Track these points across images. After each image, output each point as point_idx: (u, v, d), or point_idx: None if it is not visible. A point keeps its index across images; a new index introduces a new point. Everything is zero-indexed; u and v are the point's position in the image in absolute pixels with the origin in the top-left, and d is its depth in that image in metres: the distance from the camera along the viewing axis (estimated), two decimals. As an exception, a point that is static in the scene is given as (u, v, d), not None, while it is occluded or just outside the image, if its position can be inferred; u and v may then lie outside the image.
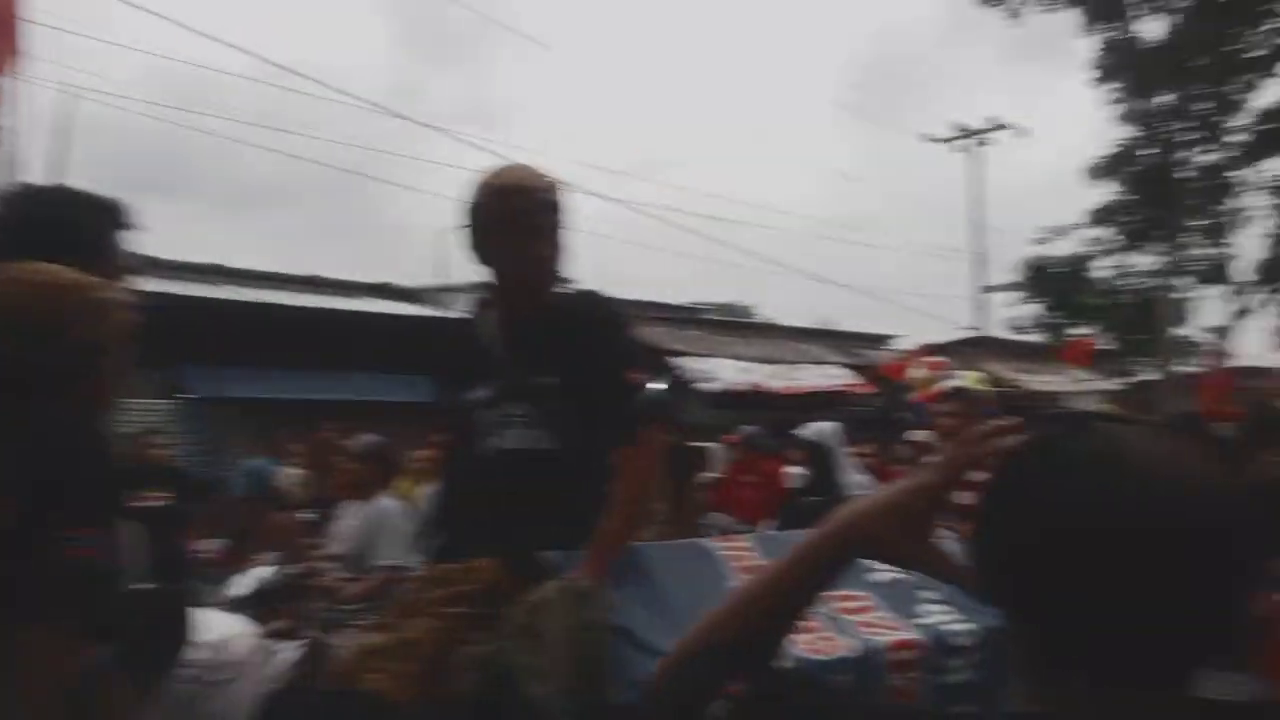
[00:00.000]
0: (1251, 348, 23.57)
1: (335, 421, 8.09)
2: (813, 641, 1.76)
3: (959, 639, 1.84)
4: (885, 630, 1.83)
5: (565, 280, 2.13)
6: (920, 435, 7.66)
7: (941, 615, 1.89)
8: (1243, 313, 21.68)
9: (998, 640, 1.85)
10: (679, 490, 5.17)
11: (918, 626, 1.85)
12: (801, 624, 1.80)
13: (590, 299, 2.12)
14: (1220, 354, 14.74)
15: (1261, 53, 19.34)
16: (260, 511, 4.99)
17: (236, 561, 4.64)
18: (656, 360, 11.62)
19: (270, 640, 3.71)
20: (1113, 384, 18.83)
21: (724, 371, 11.68)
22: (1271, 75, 20.02)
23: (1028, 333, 22.77)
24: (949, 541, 0.84)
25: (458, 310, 2.13)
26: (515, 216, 2.01)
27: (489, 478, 2.06)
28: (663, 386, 2.02)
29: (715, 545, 2.12)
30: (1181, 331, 20.80)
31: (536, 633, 1.72)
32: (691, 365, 11.69)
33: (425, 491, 4.36)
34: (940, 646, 1.82)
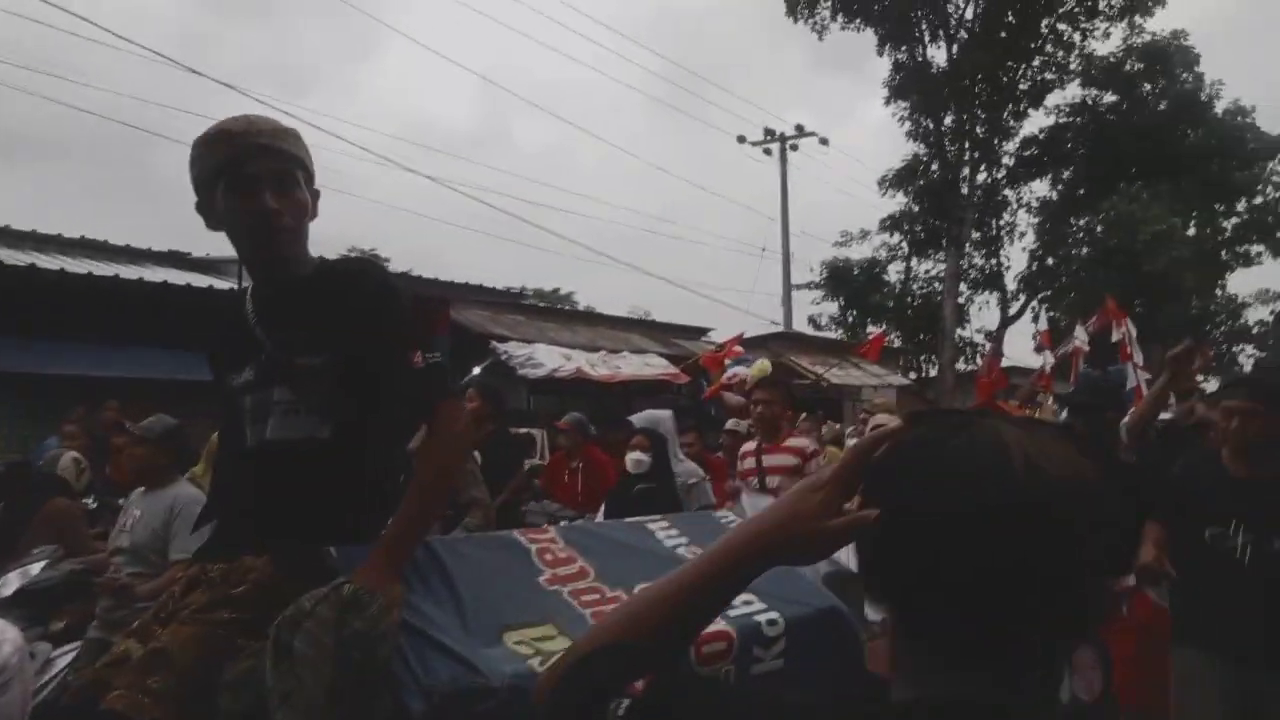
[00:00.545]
0: (1018, 349, 26.55)
1: (120, 399, 7.42)
2: None
3: (768, 629, 1.91)
4: None
5: (299, 244, 1.85)
6: (740, 424, 8.04)
7: (750, 606, 1.95)
8: (1011, 318, 24.36)
9: (803, 629, 1.99)
10: (506, 476, 5.13)
11: (728, 618, 1.87)
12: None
13: (355, 266, 1.92)
14: (993, 354, 16.35)
15: (1026, 86, 21.67)
16: (32, 498, 4.45)
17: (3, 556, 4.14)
18: (474, 341, 11.44)
19: (44, 644, 3.39)
20: (902, 379, 20.57)
21: (546, 357, 11.65)
22: (1038, 106, 22.55)
23: (827, 329, 24.38)
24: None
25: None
26: (223, 167, 1.75)
27: (253, 470, 1.85)
28: (439, 357, 1.83)
29: (521, 537, 2.05)
30: (961, 332, 22.98)
31: (290, 651, 1.51)
32: (514, 350, 11.60)
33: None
34: (749, 636, 1.88)
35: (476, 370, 12.25)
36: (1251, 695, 2.66)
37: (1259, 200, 24.85)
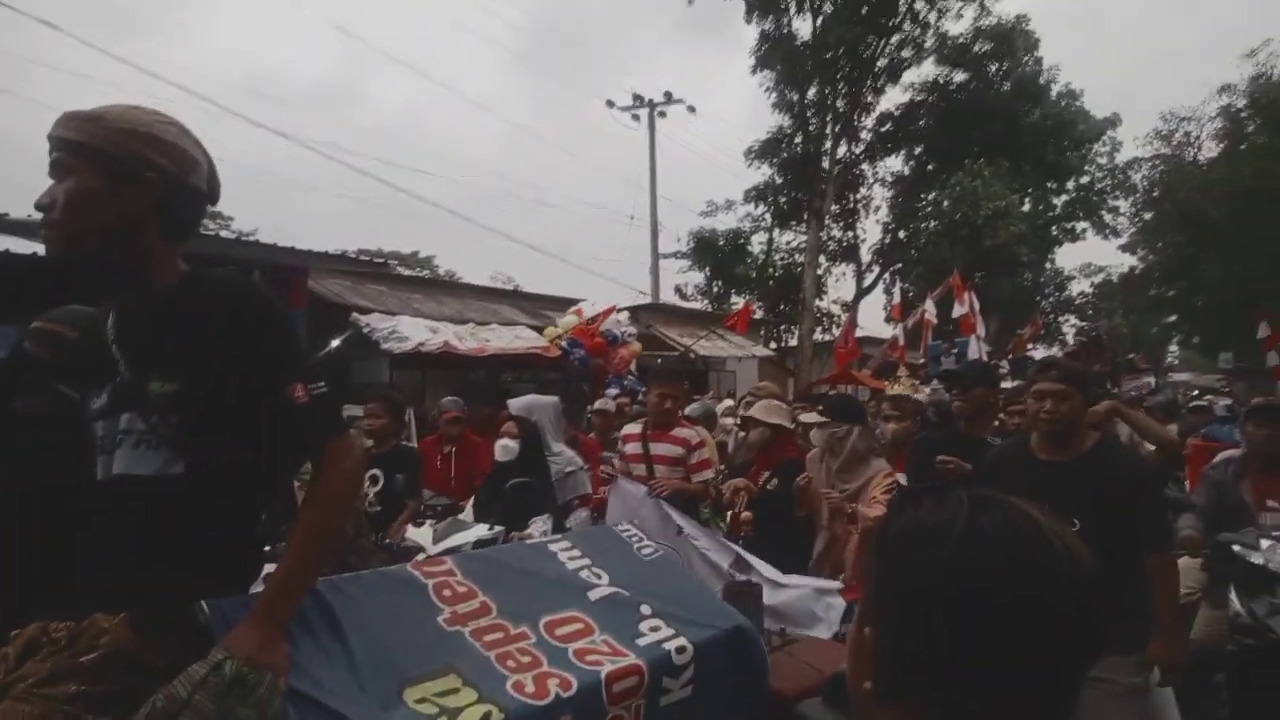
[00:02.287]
0: (871, 320, 27.84)
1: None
2: (527, 683, 1.65)
3: (676, 658, 1.87)
4: (606, 658, 1.79)
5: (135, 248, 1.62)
6: (609, 403, 7.99)
7: (659, 633, 1.91)
8: (866, 289, 25.49)
9: (711, 653, 1.95)
10: (408, 496, 4.86)
11: (638, 649, 1.83)
12: (516, 660, 1.74)
13: (227, 282, 1.66)
14: (849, 324, 17.03)
15: (885, 62, 22.51)
16: None
17: None
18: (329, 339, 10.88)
19: None
20: (764, 350, 21.17)
21: (411, 330, 11.21)
22: (896, 82, 23.48)
23: (694, 299, 24.78)
24: None
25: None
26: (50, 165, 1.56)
27: (101, 509, 1.62)
28: (324, 388, 1.64)
29: (417, 572, 1.89)
30: (819, 303, 23.84)
31: None
32: (376, 323, 11.09)
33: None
34: (659, 668, 1.83)
35: (335, 343, 11.65)
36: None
37: (1085, 180, 27.03)
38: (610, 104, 22.96)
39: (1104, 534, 2.68)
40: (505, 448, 4.36)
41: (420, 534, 4.04)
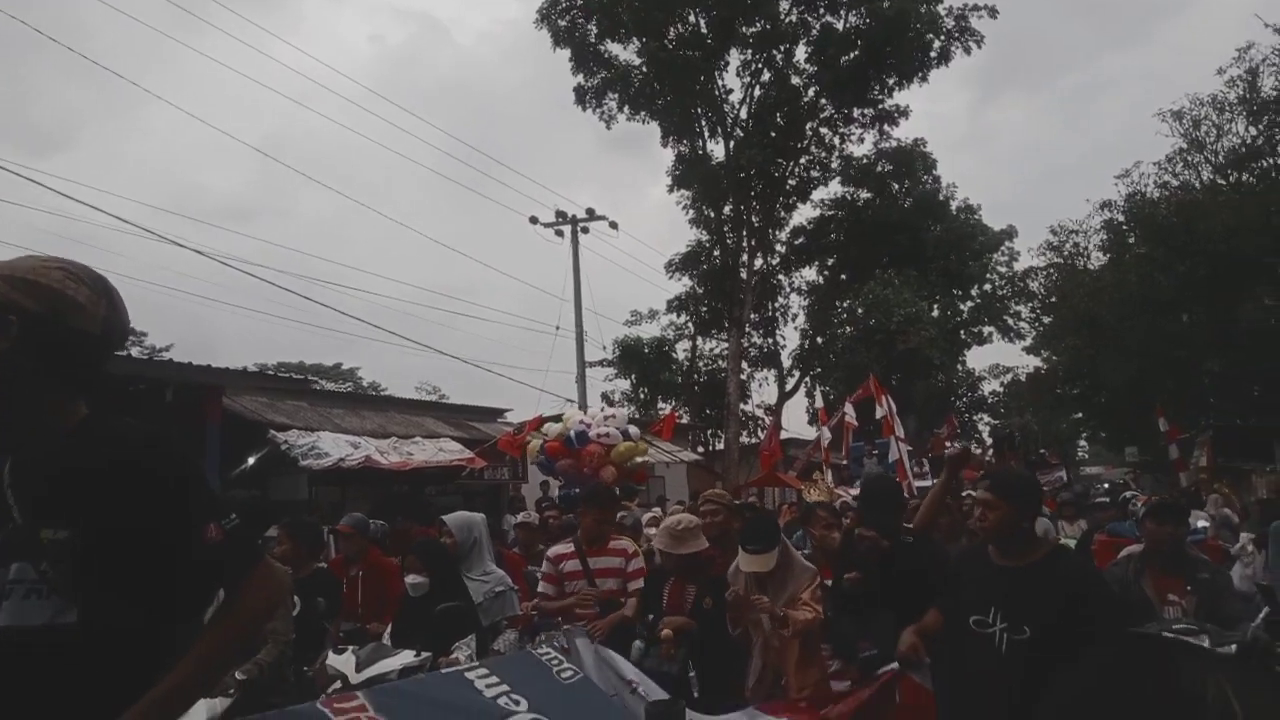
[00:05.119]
0: (794, 422, 28.39)
1: None
2: None
3: None
4: None
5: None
6: (531, 516, 7.88)
7: None
8: (788, 393, 26.08)
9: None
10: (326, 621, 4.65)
11: None
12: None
13: (124, 428, 1.62)
14: (773, 428, 17.30)
15: (794, 182, 23.78)
16: None
17: None
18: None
19: None
20: (691, 454, 21.27)
21: (331, 446, 10.95)
22: (805, 200, 24.76)
23: (620, 405, 24.89)
24: None
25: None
26: None
27: None
28: (237, 522, 1.60)
29: (326, 709, 1.83)
30: (744, 407, 24.25)
31: None
32: (295, 439, 10.82)
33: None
34: None
35: (251, 460, 11.27)
36: None
37: (987, 287, 28.63)
38: (534, 220, 23.43)
39: (1058, 638, 2.77)
40: (414, 585, 4.18)
41: (342, 661, 3.82)
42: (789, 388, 26.35)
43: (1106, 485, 16.54)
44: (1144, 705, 0.70)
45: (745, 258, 23.64)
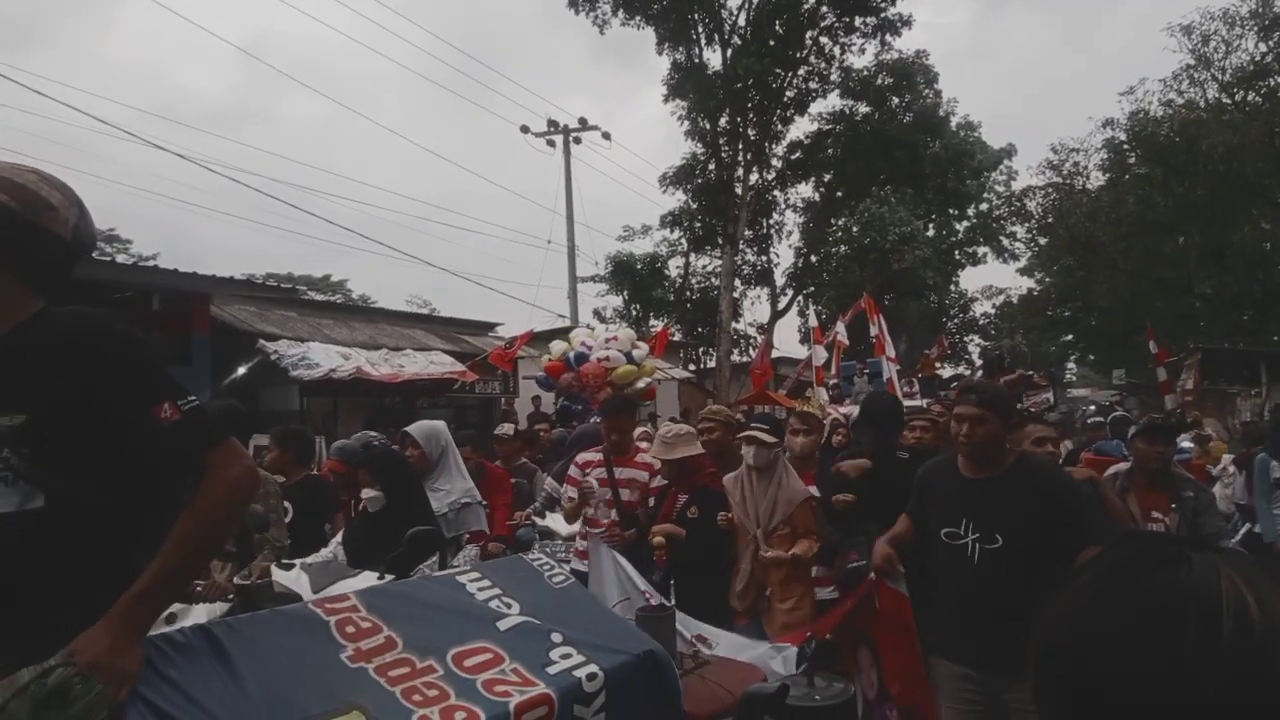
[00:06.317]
0: (785, 341, 28.43)
1: None
2: (433, 717, 1.61)
3: (588, 684, 1.84)
4: (515, 688, 1.76)
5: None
6: (506, 429, 7.86)
7: (570, 661, 1.88)
8: (780, 312, 26.04)
9: (622, 678, 1.94)
10: (318, 529, 4.63)
11: (548, 678, 1.80)
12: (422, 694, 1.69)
13: (74, 314, 1.63)
14: (764, 346, 17.33)
15: (793, 93, 23.20)
16: None
17: None
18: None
19: None
20: (683, 372, 21.36)
21: (322, 357, 10.92)
22: (803, 113, 24.22)
23: (612, 322, 24.85)
24: None
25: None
26: None
27: None
28: (194, 401, 1.61)
29: (318, 610, 1.83)
30: (736, 326, 24.23)
31: None
32: (285, 350, 10.77)
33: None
34: (570, 696, 1.80)
35: (241, 371, 11.25)
36: (999, 706, 2.84)
37: (984, 207, 28.35)
38: (525, 129, 22.95)
39: (1029, 545, 2.80)
40: (371, 499, 3.72)
41: (291, 578, 3.46)
42: (782, 306, 26.31)
43: (1093, 407, 16.74)
44: (1157, 600, 0.66)
45: (741, 172, 23.25)
